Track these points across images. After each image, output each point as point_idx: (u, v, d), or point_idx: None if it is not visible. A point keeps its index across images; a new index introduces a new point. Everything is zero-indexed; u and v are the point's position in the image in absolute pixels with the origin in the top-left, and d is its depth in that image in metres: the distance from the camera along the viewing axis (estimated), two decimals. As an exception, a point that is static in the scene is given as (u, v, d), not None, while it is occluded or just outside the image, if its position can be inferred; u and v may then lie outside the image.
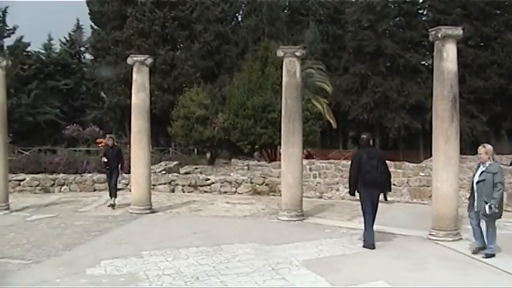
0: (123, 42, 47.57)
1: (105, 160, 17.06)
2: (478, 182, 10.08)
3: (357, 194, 11.30)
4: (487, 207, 9.77)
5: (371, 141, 11.91)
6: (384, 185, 11.27)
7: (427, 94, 40.33)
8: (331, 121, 43.33)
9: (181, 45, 49.37)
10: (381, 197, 11.44)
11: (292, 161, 14.40)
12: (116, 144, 18.30)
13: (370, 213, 11.10)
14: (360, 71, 51.70)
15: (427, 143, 12.72)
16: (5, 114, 16.48)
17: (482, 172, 10.05)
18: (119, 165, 17.15)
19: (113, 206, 16.69)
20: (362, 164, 10.97)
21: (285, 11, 57.32)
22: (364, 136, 11.65)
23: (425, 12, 55.93)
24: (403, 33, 52.47)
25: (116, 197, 17.03)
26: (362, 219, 11.43)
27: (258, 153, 38.08)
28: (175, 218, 15.02)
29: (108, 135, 18.73)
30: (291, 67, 14.59)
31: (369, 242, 10.92)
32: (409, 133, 51.81)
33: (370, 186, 10.99)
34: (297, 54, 14.58)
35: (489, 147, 10.22)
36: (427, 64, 50.53)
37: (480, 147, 10.28)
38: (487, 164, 10.04)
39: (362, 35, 51.43)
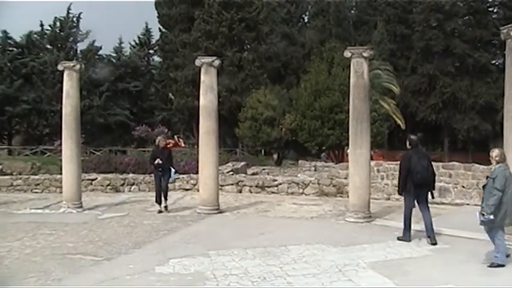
0: (190, 44, 48.10)
1: (160, 162, 15.98)
2: (483, 187, 9.78)
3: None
4: (477, 213, 9.50)
5: (419, 143, 12.25)
6: (431, 184, 11.65)
7: (497, 94, 39.43)
8: (400, 122, 42.81)
9: (248, 46, 49.60)
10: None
11: (360, 162, 14.28)
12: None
13: (410, 211, 11.81)
14: (428, 71, 50.84)
15: (498, 145, 12.37)
16: (78, 115, 17.03)
17: (487, 177, 9.75)
18: (170, 168, 16.51)
19: (165, 208, 16.19)
20: (413, 164, 11.38)
21: (352, 11, 56.91)
22: (413, 137, 12.07)
23: (495, 10, 54.60)
24: (472, 32, 51.37)
25: (166, 199, 16.37)
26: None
27: (325, 154, 37.98)
28: (243, 219, 15.10)
29: (159, 137, 17.45)
30: (359, 68, 14.48)
31: (407, 237, 11.69)
32: (478, 134, 50.58)
33: (419, 186, 11.45)
34: (365, 54, 14.46)
35: (497, 151, 9.80)
36: (497, 63, 49.31)
37: (491, 152, 9.84)
38: (493, 168, 9.71)
39: (430, 35, 50.55)
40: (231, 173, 22.67)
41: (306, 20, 59.11)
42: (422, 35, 51.32)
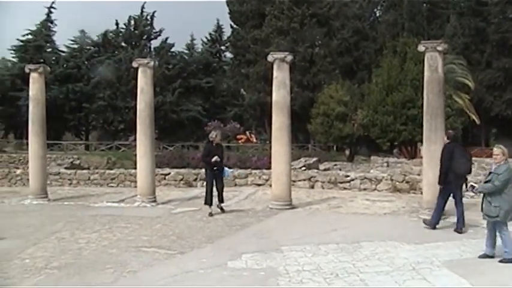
0: (262, 40, 48.26)
1: (218, 159, 14.94)
2: (485, 182, 9.72)
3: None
4: (469, 185, 10.37)
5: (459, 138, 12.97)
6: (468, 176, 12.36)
7: None
8: (474, 117, 41.81)
9: (320, 42, 49.38)
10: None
11: (434, 158, 13.96)
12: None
13: (461, 201, 12.41)
14: (503, 65, 49.32)
15: None
16: (152, 111, 17.35)
17: (490, 173, 9.66)
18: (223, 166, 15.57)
19: (222, 209, 15.20)
20: (456, 156, 12.10)
21: (425, 5, 55.82)
22: (452, 132, 13.26)
23: None
24: (550, 24, 49.59)
25: (223, 200, 15.38)
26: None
27: (398, 150, 37.48)
28: (315, 214, 15.03)
29: (214, 132, 16.21)
30: (433, 62, 14.19)
31: (433, 223, 12.46)
32: (558, 129, 48.87)
33: (461, 177, 12.10)
34: (439, 48, 14.16)
35: (504, 148, 9.69)
36: None
37: (495, 148, 9.82)
38: (499, 165, 9.57)
39: (506, 27, 49.04)
40: (303, 168, 22.62)
41: (378, 15, 58.40)
42: (498, 27, 49.82)
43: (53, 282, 8.57)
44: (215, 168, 14.95)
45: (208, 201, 14.85)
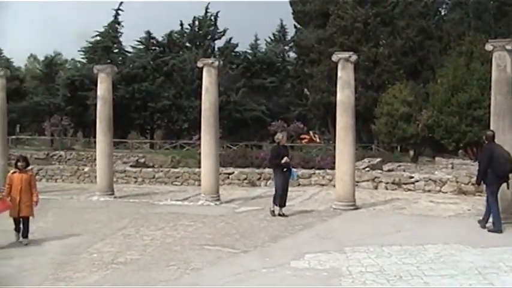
0: (325, 39, 48.09)
1: (288, 160, 14.80)
2: None
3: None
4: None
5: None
6: (509, 175, 12.32)
7: None
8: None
9: (384, 41, 48.87)
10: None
11: (502, 160, 13.70)
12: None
13: (497, 200, 12.38)
14: None
15: None
16: (217, 111, 17.51)
17: None
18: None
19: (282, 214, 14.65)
20: (496, 157, 12.17)
21: (492, 2, 54.44)
22: (489, 133, 12.93)
23: None
24: None
25: (285, 204, 14.98)
26: None
27: (463, 151, 36.77)
28: (378, 215, 14.91)
29: (281, 133, 16.22)
30: (501, 61, 13.85)
31: (498, 227, 12.17)
32: None
33: (501, 177, 12.21)
34: (508, 47, 13.81)
35: None
36: None
37: None
38: None
39: None
40: (367, 169, 22.45)
41: (443, 13, 57.29)
42: None
43: (119, 276, 8.78)
44: (285, 169, 14.81)
45: (280, 202, 14.66)
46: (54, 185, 23.44)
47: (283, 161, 14.56)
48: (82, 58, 59.13)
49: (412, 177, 20.30)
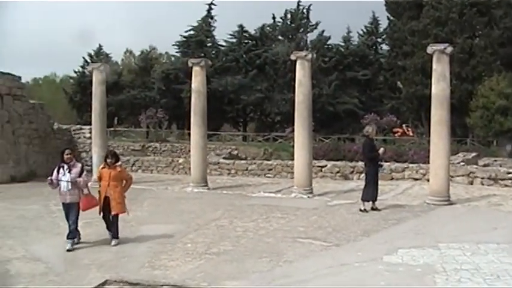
0: (419, 31, 47.12)
1: (384, 151, 15.05)
2: None
3: None
4: None
5: None
6: None
7: None
8: None
9: (480, 32, 47.38)
10: None
11: None
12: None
13: None
14: None
15: None
16: (310, 103, 17.62)
17: None
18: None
19: (366, 210, 14.46)
20: None
21: None
22: None
23: None
24: None
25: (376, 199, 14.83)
26: None
27: None
28: (474, 212, 14.55)
29: (370, 126, 15.75)
30: None
31: None
32: None
33: None
34: None
35: None
36: None
37: None
38: None
39: None
40: (462, 163, 21.94)
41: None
42: None
43: (212, 266, 8.95)
44: (379, 163, 14.85)
45: (372, 197, 14.62)
46: (149, 176, 24.15)
47: (380, 151, 14.74)
48: (176, 52, 60.39)
49: (509, 173, 19.75)
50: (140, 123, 47.76)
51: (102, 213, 10.51)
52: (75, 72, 60.80)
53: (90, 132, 24.14)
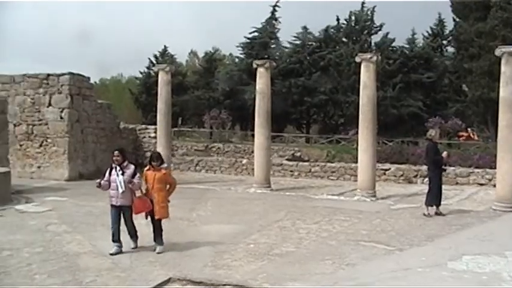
0: (486, 33, 46.09)
1: (448, 155, 14.89)
2: None
3: None
4: None
5: None
6: None
7: None
8: None
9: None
10: None
11: None
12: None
13: None
14: None
15: None
16: (375, 106, 17.60)
17: None
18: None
19: (440, 213, 14.48)
20: None
21: None
22: None
23: None
24: None
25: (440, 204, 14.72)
26: None
27: None
28: (543, 219, 14.22)
29: (433, 130, 15.82)
30: None
31: None
32: None
33: None
34: None
35: None
36: None
37: None
38: None
39: None
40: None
41: None
42: None
43: (275, 267, 9.02)
44: (443, 167, 14.76)
45: (436, 201, 14.52)
46: (213, 176, 24.44)
47: (443, 155, 14.61)
48: (240, 54, 60.70)
49: None
50: (204, 124, 48.18)
51: (148, 217, 10.13)
52: (141, 73, 61.88)
53: (155, 132, 24.68)
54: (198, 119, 54.97)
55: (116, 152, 10.05)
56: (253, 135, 21.18)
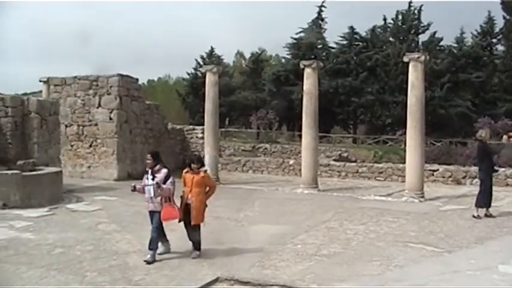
0: (538, 31, 45.29)
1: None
2: None
3: None
4: None
5: None
6: None
7: None
8: None
9: None
10: None
11: None
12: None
13: None
14: None
15: None
16: (423, 106, 17.48)
17: None
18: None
19: (491, 215, 14.20)
20: None
21: None
22: None
23: None
24: None
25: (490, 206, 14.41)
26: None
27: None
28: None
29: (484, 130, 15.37)
30: None
31: None
32: None
33: None
34: None
35: None
36: None
37: None
38: None
39: None
40: None
41: None
42: None
43: (322, 268, 9.04)
44: (494, 167, 14.61)
45: (488, 204, 14.32)
46: (260, 177, 24.51)
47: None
48: (287, 54, 60.77)
49: None
50: (251, 124, 48.47)
51: (182, 221, 9.70)
52: (188, 74, 62.50)
53: (203, 133, 24.89)
54: (245, 119, 55.23)
55: (148, 155, 9.77)
56: (300, 136, 21.22)
